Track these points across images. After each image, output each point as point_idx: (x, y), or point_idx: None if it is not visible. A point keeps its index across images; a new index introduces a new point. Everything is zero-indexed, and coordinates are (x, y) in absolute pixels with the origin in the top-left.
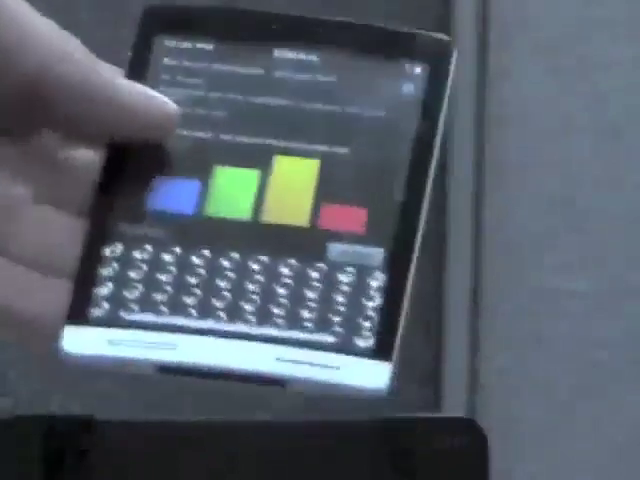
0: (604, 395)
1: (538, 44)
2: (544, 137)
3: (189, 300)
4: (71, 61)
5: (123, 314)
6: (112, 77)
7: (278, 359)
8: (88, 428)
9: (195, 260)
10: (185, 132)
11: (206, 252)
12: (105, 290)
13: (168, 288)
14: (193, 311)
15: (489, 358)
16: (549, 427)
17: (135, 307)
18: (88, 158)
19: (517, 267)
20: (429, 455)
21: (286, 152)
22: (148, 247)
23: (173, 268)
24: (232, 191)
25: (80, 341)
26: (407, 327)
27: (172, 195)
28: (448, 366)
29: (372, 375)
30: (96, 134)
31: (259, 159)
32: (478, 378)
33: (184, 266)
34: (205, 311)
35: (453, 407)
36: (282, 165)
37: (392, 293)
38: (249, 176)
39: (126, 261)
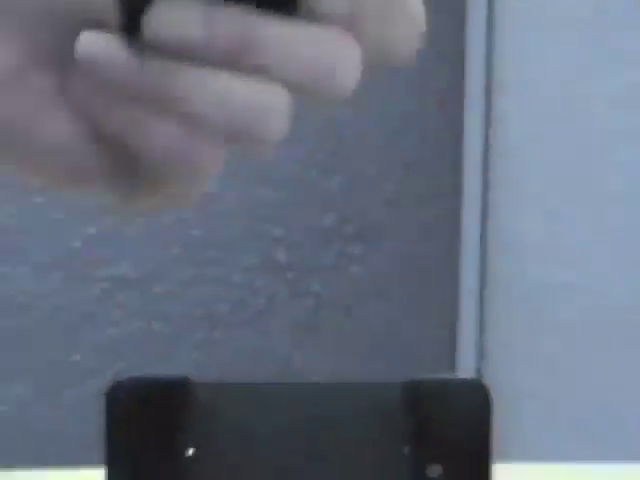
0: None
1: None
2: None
3: None
4: None
5: None
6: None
7: None
8: (183, 388)
9: None
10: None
11: None
12: None
13: None
14: None
15: (495, 334)
16: (547, 393)
17: None
18: None
19: (519, 261)
20: (443, 410)
21: None
22: None
23: None
24: None
25: None
26: (427, 307)
27: None
28: (460, 340)
29: None
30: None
31: None
32: (485, 349)
33: None
34: None
35: (464, 372)
36: None
37: None
38: None
39: None
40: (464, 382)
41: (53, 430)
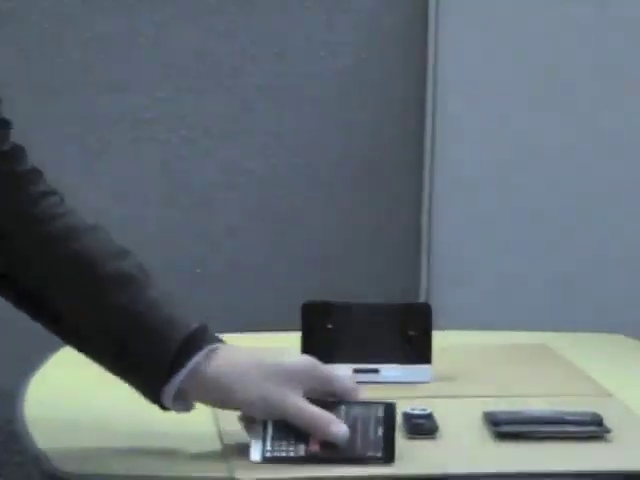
0: None
1: None
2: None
3: None
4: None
5: None
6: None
7: None
8: (330, 306)
9: None
10: None
11: None
12: None
13: None
14: None
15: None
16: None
17: None
18: None
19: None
20: (412, 312)
21: None
22: None
23: None
24: None
25: None
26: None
27: None
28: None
29: None
30: None
31: None
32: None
33: None
34: None
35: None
36: None
37: None
38: None
39: None
40: (419, 304)
41: None
